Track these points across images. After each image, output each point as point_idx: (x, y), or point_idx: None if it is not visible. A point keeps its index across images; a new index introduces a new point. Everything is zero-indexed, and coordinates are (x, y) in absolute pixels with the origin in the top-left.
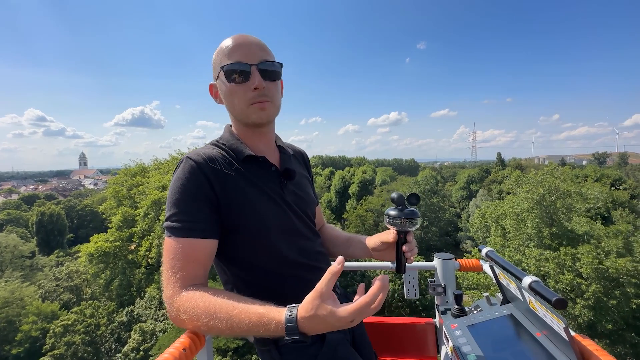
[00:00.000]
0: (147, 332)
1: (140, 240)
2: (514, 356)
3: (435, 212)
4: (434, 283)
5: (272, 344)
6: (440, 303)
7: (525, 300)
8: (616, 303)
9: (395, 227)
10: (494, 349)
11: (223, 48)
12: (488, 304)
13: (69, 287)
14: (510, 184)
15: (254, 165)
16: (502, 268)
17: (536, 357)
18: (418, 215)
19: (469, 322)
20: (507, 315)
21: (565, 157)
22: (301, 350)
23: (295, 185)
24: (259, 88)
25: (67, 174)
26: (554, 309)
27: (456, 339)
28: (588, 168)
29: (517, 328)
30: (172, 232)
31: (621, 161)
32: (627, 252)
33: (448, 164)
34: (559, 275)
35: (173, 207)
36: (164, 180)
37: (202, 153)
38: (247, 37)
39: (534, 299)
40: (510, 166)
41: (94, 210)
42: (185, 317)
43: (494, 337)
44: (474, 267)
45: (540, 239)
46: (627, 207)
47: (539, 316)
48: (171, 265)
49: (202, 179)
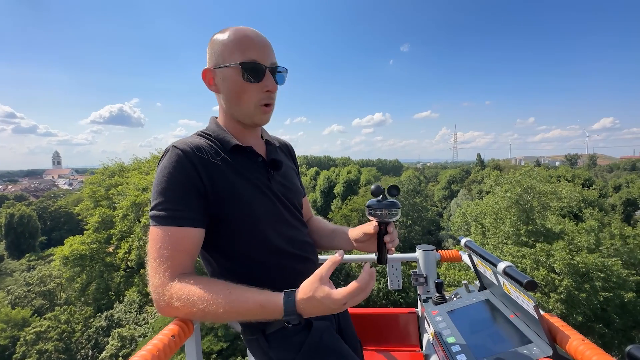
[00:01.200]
0: (126, 338)
1: (119, 242)
2: (490, 337)
3: (418, 211)
4: (417, 274)
5: (260, 333)
6: (422, 292)
7: (500, 285)
8: (586, 296)
9: (376, 218)
10: (471, 332)
11: (235, 40)
12: (467, 291)
13: (41, 292)
14: (489, 184)
15: (241, 155)
16: (479, 256)
17: (510, 337)
18: (398, 206)
19: (449, 309)
20: (483, 301)
21: (540, 158)
22: (288, 338)
23: (282, 176)
24: (272, 91)
25: (39, 174)
26: (525, 290)
27: (437, 324)
28: (561, 169)
29: (492, 312)
30: (159, 221)
31: (591, 162)
32: (597, 248)
33: (430, 164)
34: (534, 271)
35: (159, 196)
36: (145, 180)
37: (188, 142)
38: (261, 36)
39: (508, 282)
40: (489, 167)
41: (69, 212)
42: (178, 305)
43: (472, 321)
44: (454, 257)
45: (518, 236)
46: (596, 206)
47: (512, 299)
48: (159, 254)
49: (189, 168)
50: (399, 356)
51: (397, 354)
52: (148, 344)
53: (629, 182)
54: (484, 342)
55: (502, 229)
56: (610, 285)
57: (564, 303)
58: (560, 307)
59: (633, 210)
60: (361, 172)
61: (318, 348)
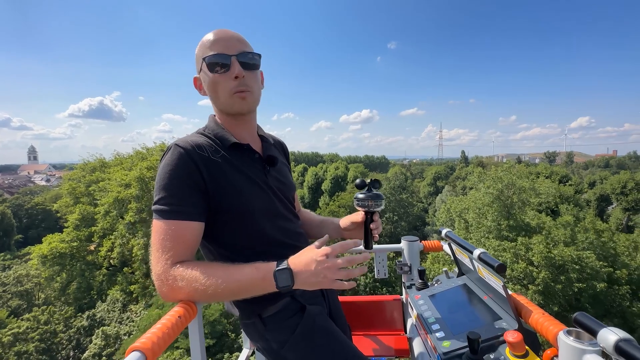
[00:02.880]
0: (111, 336)
1: (101, 240)
2: (466, 316)
3: (404, 207)
4: (401, 263)
5: (256, 317)
6: (406, 280)
7: (475, 270)
8: (561, 287)
9: (364, 208)
10: (449, 312)
11: (204, 42)
12: (446, 277)
13: (18, 293)
14: (472, 181)
15: (239, 152)
16: (458, 245)
17: (482, 315)
18: (382, 197)
19: (430, 293)
20: (461, 285)
21: (521, 156)
22: (283, 321)
23: (276, 172)
24: (239, 77)
25: (14, 169)
26: (496, 273)
27: (419, 307)
28: (540, 166)
29: (469, 294)
30: (161, 215)
31: (568, 160)
32: (572, 242)
33: (417, 161)
34: (514, 264)
35: (162, 191)
36: (128, 176)
37: (189, 140)
38: (227, 31)
39: (482, 267)
40: (473, 164)
41: (47, 209)
42: (182, 284)
43: (450, 303)
44: (435, 247)
45: (499, 231)
46: (572, 202)
47: (485, 282)
48: (161, 245)
49: (191, 165)
50: (385, 340)
51: (383, 337)
52: (157, 323)
53: (602, 178)
54: (460, 320)
55: (484, 223)
56: (584, 277)
57: (541, 294)
58: (537, 298)
59: (606, 205)
60: (349, 168)
61: (311, 329)
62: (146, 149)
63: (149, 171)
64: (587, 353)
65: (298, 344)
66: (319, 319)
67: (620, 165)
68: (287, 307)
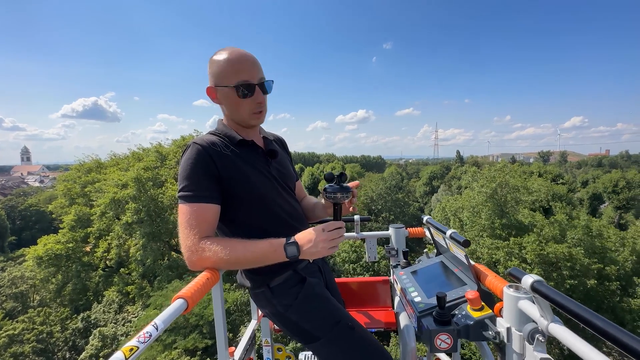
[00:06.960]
0: (108, 337)
1: (97, 241)
2: (439, 285)
3: (401, 207)
4: (389, 247)
5: (265, 286)
6: (393, 262)
7: (448, 248)
8: (554, 284)
9: (332, 201)
10: (426, 283)
11: (227, 62)
12: (427, 257)
13: (12, 295)
14: (467, 180)
15: (245, 148)
16: (435, 228)
17: (452, 283)
18: (349, 190)
19: (412, 270)
20: (438, 262)
21: (516, 155)
22: (287, 289)
23: (278, 163)
24: (262, 103)
25: (6, 170)
26: (462, 247)
27: (403, 282)
28: (534, 165)
29: (444, 269)
30: (186, 199)
31: (561, 159)
32: (564, 239)
33: (412, 161)
34: (507, 262)
35: (185, 180)
36: (125, 177)
37: (205, 139)
38: (250, 56)
39: (452, 244)
40: (468, 163)
41: (41, 210)
42: (209, 254)
43: (428, 276)
44: (419, 233)
45: (493, 229)
46: (565, 200)
47: (455, 256)
48: (189, 223)
49: (207, 158)
50: (375, 314)
51: (373, 312)
52: (190, 283)
53: (595, 177)
54: (434, 288)
55: (478, 222)
56: (576, 273)
57: None
58: None
59: (598, 204)
60: (345, 168)
61: (311, 295)
62: (142, 149)
63: (145, 172)
64: (521, 299)
65: (300, 306)
66: (317, 287)
67: (612, 165)
68: (291, 278)
